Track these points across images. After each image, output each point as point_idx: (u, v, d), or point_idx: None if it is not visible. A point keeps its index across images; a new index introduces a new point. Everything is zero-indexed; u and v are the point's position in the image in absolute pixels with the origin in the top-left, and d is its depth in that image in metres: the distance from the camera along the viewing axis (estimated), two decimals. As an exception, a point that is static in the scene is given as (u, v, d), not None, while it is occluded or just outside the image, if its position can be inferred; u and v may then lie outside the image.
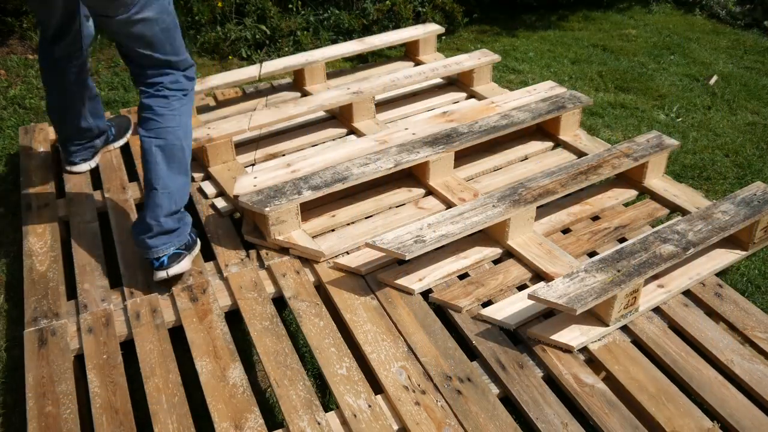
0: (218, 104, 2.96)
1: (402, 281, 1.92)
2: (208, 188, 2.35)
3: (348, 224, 2.17)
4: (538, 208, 2.12)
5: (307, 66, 2.96)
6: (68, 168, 2.46)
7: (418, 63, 3.28)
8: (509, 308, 1.82)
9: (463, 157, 2.48)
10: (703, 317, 1.82)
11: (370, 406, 1.57)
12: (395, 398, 1.58)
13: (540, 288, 1.71)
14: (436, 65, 2.96)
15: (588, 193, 2.33)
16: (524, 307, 1.82)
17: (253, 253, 2.06)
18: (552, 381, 1.66)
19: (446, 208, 2.23)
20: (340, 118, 2.77)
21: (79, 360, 1.74)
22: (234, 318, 1.91)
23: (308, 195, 2.07)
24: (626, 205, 2.31)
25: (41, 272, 1.99)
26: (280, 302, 1.93)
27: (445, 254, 2.02)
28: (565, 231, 2.19)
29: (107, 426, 1.53)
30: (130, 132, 2.69)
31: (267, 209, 1.99)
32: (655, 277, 1.91)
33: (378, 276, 1.95)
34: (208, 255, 2.08)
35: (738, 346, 1.72)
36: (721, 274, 2.05)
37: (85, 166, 2.46)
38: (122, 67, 3.61)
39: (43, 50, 2.16)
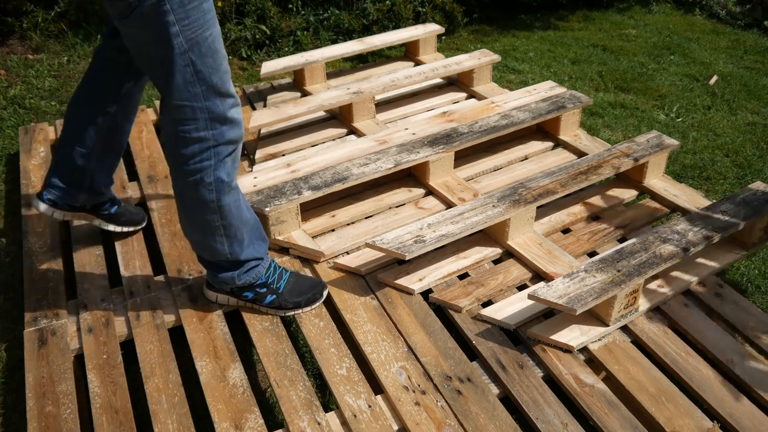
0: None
1: (402, 281, 1.92)
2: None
3: (348, 224, 2.17)
4: (538, 208, 2.12)
5: (307, 66, 2.96)
6: (33, 202, 2.02)
7: (418, 63, 3.28)
8: (509, 308, 1.82)
9: (463, 157, 2.48)
10: (703, 317, 1.82)
11: (370, 406, 1.57)
12: (395, 398, 1.58)
13: (540, 288, 1.71)
14: (436, 65, 2.96)
15: (588, 193, 2.33)
16: (524, 307, 1.82)
17: (253, 253, 2.06)
18: (552, 381, 1.66)
19: (446, 208, 2.23)
20: (340, 118, 2.77)
21: (79, 360, 1.74)
22: (234, 318, 1.91)
23: (308, 195, 2.07)
24: (626, 205, 2.31)
25: (41, 272, 1.99)
26: (280, 302, 1.92)
27: (445, 254, 2.02)
28: (565, 231, 2.19)
29: (107, 426, 1.53)
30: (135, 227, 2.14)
31: (267, 209, 1.99)
32: (655, 277, 1.91)
33: (378, 276, 1.95)
34: (208, 255, 2.08)
35: (738, 346, 1.72)
36: (721, 274, 2.05)
37: (46, 210, 1.88)
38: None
39: (97, 46, 1.84)
